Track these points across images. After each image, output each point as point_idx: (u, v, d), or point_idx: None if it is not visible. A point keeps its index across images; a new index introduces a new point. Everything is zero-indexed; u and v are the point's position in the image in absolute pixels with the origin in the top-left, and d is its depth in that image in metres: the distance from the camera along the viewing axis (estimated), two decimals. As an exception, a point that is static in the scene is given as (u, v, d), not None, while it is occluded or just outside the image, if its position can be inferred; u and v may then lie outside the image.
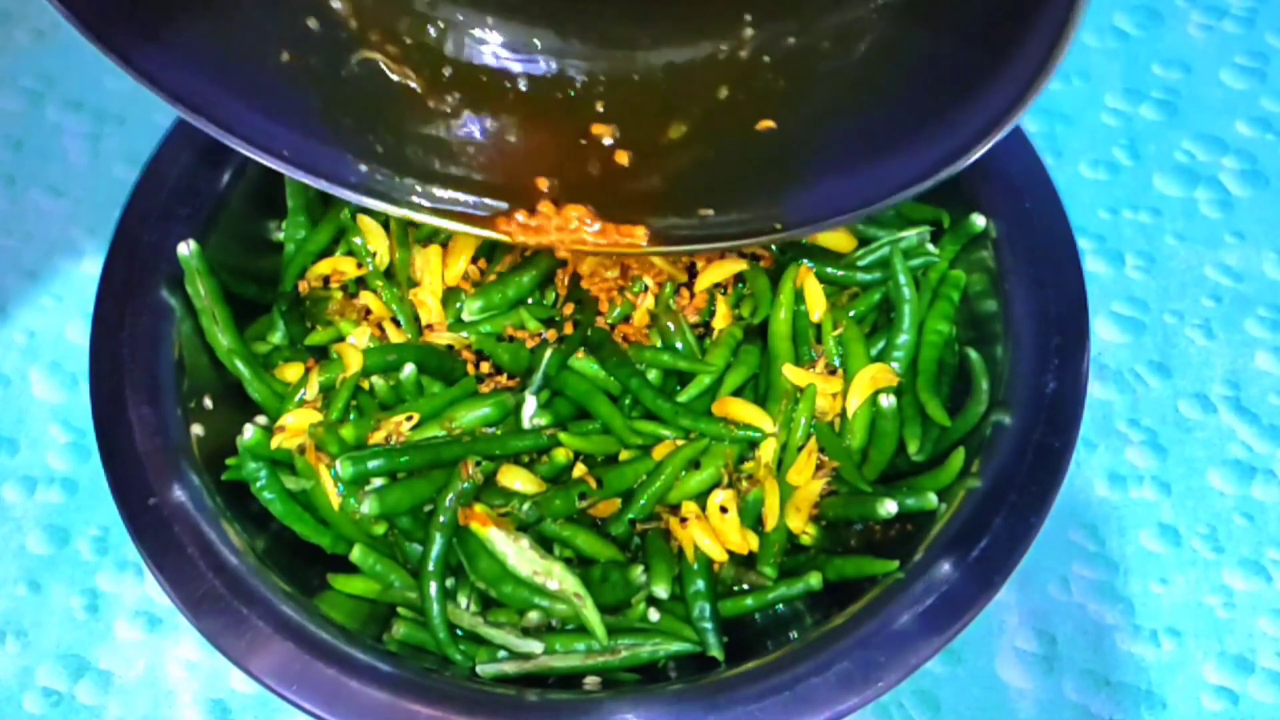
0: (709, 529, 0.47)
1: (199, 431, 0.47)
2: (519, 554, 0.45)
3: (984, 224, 0.51)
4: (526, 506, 0.47)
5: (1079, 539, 0.56)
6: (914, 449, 0.49)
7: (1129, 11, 0.72)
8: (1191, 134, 0.68)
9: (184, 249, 0.48)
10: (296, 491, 0.48)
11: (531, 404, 0.49)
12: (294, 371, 0.50)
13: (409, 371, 0.49)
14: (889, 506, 0.46)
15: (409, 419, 0.49)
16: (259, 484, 0.47)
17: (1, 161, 0.66)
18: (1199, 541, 0.56)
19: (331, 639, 0.42)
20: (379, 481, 0.47)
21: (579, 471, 0.49)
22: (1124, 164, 0.67)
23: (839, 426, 0.50)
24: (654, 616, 0.46)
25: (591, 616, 0.45)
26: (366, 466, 0.46)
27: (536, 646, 0.45)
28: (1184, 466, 0.58)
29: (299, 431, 0.47)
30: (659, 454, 0.50)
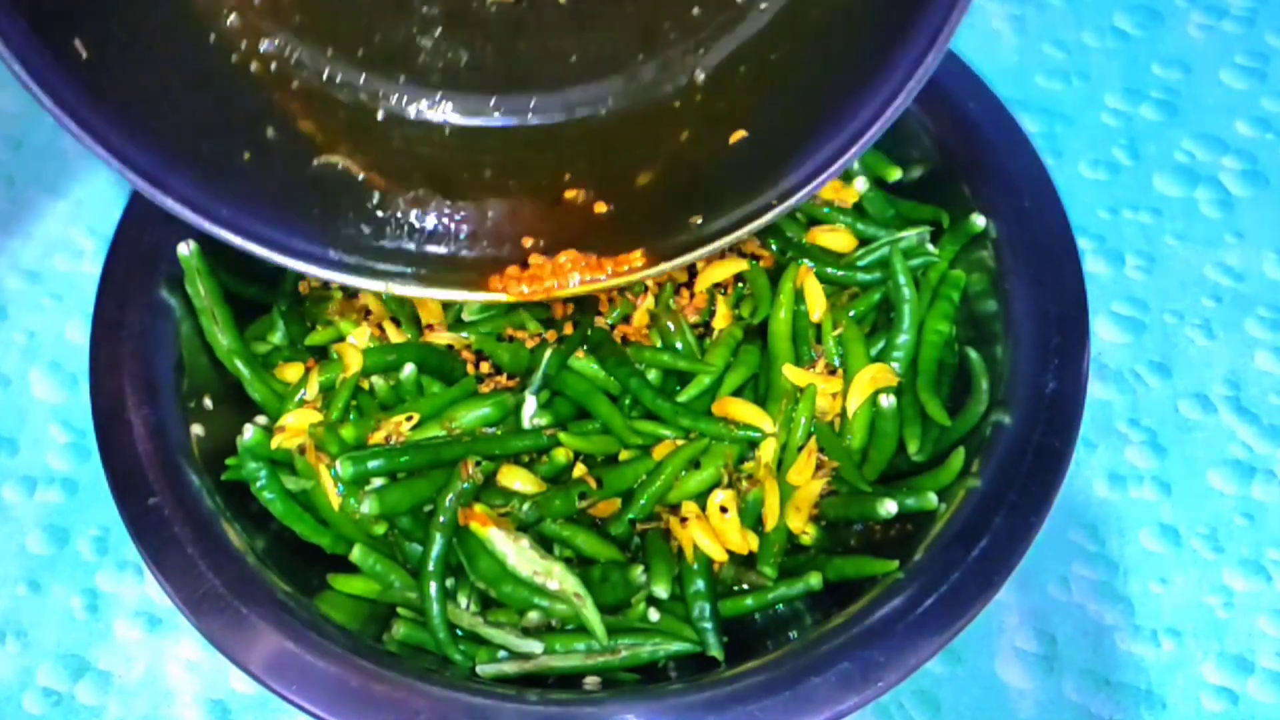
0: (709, 529, 0.47)
1: (199, 431, 0.47)
2: (519, 554, 0.45)
3: (984, 224, 0.51)
4: (526, 506, 0.47)
5: (1079, 539, 0.56)
6: (914, 449, 0.49)
7: (1129, 11, 0.72)
8: (1191, 134, 0.68)
9: (184, 249, 0.48)
10: (296, 491, 0.48)
11: (531, 404, 0.49)
12: (294, 371, 0.50)
13: (409, 371, 0.49)
14: (889, 506, 0.46)
15: (409, 419, 0.49)
16: (259, 484, 0.47)
17: (1, 161, 0.66)
18: (1199, 541, 0.56)
19: (331, 639, 0.42)
20: (379, 481, 0.47)
21: (579, 471, 0.49)
22: (1124, 164, 0.67)
23: (839, 426, 0.50)
24: (654, 616, 0.46)
25: (591, 616, 0.45)
26: (366, 466, 0.46)
27: (536, 646, 0.45)
28: (1184, 466, 0.58)
29: (299, 431, 0.47)
30: (659, 454, 0.50)
